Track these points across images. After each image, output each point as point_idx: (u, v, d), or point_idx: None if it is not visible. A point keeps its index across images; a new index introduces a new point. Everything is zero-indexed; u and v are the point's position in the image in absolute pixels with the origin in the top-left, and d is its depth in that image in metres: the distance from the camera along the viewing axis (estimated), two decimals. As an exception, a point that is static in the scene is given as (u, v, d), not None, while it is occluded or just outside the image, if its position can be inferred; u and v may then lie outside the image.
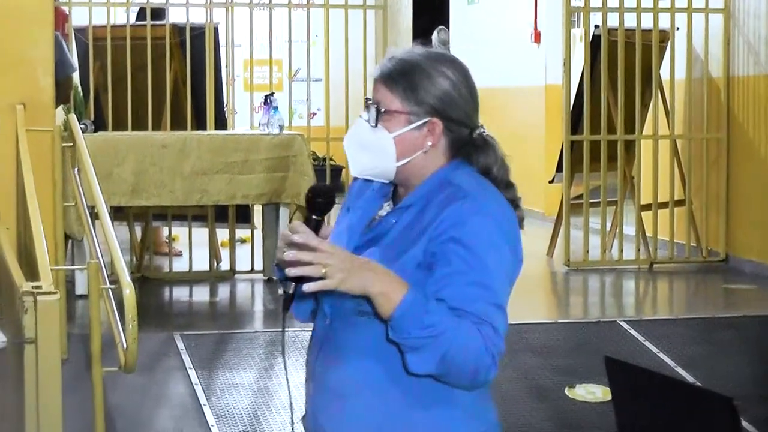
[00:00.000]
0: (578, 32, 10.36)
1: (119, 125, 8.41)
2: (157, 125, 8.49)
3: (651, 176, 9.01)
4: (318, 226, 2.63)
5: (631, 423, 3.05)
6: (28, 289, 3.89)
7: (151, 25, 8.55)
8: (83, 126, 6.90)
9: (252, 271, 8.52)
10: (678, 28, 9.10)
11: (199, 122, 8.70)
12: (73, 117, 6.69)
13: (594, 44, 9.11)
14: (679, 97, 9.22)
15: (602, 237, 9.05)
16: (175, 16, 8.94)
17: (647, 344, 6.72)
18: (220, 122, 8.82)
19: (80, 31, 8.67)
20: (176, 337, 6.59)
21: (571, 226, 9.04)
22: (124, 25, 8.63)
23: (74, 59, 8.50)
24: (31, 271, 4.87)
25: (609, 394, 5.11)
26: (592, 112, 8.95)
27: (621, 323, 7.04)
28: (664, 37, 9.16)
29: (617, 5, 8.95)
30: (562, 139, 9.22)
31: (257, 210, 8.68)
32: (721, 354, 6.71)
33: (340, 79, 8.82)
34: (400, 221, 2.68)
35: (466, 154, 2.74)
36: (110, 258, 5.38)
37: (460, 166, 2.73)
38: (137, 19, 8.99)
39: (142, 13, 9.07)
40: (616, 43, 8.96)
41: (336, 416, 2.70)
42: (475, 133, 2.74)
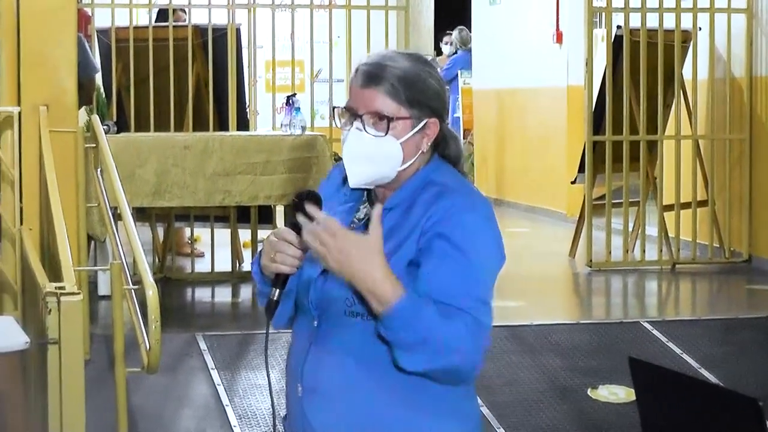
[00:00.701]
0: (600, 32, 10.32)
1: (141, 126, 8.42)
2: (180, 126, 8.50)
3: (673, 176, 8.98)
4: None
5: (656, 423, 3.04)
6: (51, 290, 3.91)
7: (174, 27, 8.57)
8: (106, 127, 6.91)
9: (274, 271, 8.51)
10: (700, 28, 9.06)
11: (222, 123, 8.71)
12: (96, 118, 6.70)
13: (616, 44, 9.08)
14: (702, 98, 9.18)
15: (624, 238, 9.02)
16: (198, 17, 8.95)
17: (670, 345, 6.70)
18: (243, 123, 8.83)
19: (103, 33, 8.69)
20: (198, 337, 6.60)
21: (594, 226, 9.02)
22: (147, 27, 8.64)
23: (97, 60, 8.53)
24: (54, 271, 4.88)
25: (632, 395, 5.11)
26: (615, 112, 8.93)
27: (644, 324, 7.02)
28: (687, 37, 9.12)
29: (639, 5, 8.92)
30: (584, 140, 9.21)
31: (279, 211, 8.69)
32: (744, 355, 6.69)
33: (361, 80, 8.79)
34: (384, 223, 2.64)
35: (442, 146, 2.80)
36: (133, 259, 5.39)
37: (440, 165, 2.78)
38: (157, 20, 9.00)
39: (162, 14, 9.09)
40: (638, 43, 8.93)
41: (326, 417, 2.71)
42: (446, 125, 2.82)
